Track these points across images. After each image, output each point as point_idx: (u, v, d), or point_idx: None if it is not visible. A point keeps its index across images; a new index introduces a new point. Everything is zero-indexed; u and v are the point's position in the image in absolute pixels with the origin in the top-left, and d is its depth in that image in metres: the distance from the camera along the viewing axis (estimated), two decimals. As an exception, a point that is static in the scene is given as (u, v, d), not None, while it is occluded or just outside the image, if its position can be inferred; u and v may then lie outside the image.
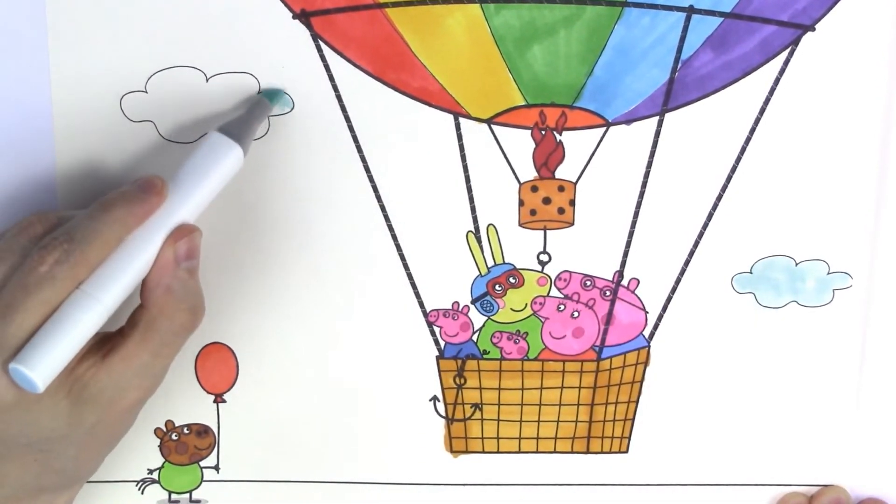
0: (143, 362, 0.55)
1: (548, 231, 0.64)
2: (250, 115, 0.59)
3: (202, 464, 0.66)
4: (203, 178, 0.57)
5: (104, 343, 0.55)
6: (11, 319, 0.51)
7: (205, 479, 0.66)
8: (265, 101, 0.60)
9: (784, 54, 0.61)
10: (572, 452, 0.67)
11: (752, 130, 0.62)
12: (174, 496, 0.66)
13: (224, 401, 0.65)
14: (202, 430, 0.65)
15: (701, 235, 0.63)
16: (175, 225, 0.55)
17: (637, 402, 0.66)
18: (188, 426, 0.65)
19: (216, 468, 0.66)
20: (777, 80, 0.61)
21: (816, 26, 0.60)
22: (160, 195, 0.55)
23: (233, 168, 0.58)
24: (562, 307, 0.65)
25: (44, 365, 0.51)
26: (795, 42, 0.61)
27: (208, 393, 0.65)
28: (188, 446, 0.66)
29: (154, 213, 0.55)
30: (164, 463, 0.66)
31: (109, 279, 0.53)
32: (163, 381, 0.57)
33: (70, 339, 0.52)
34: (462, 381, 0.66)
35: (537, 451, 0.67)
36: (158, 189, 0.55)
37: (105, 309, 0.53)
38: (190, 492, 0.66)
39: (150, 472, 0.66)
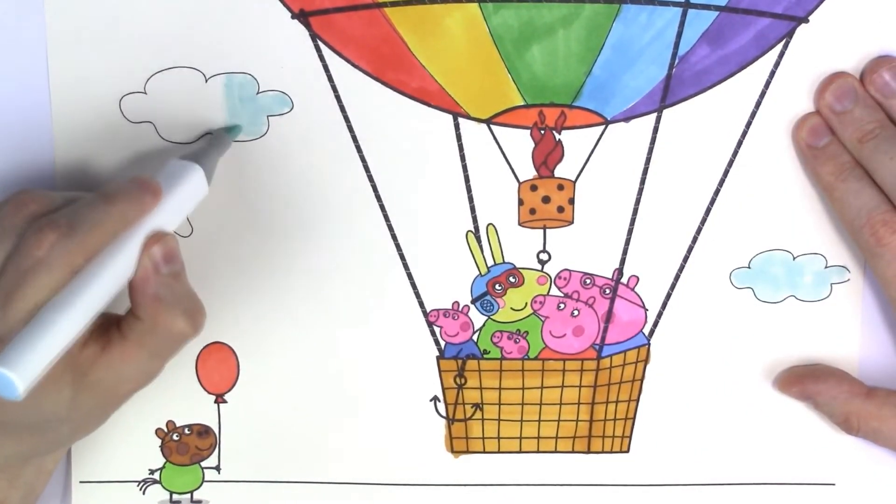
0: (140, 362, 0.55)
1: (547, 230, 0.64)
2: (211, 147, 0.59)
3: (203, 464, 0.66)
4: (169, 197, 0.56)
5: (105, 331, 0.55)
6: (9, 307, 0.50)
7: (206, 479, 0.66)
8: (226, 135, 0.61)
9: (779, 47, 0.61)
10: (573, 452, 0.67)
11: (749, 124, 0.62)
12: (175, 496, 0.66)
13: (225, 401, 0.65)
14: (203, 431, 0.65)
15: (699, 231, 0.63)
16: (148, 234, 0.54)
17: (638, 400, 0.66)
18: (189, 426, 0.65)
19: (217, 468, 0.66)
20: (772, 73, 0.61)
21: (810, 18, 0.61)
22: (156, 196, 0.55)
23: (198, 189, 0.57)
24: (562, 306, 0.65)
25: (26, 373, 0.49)
26: (790, 34, 0.61)
27: (209, 393, 0.65)
28: (189, 447, 0.66)
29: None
30: (165, 463, 0.66)
31: (93, 283, 0.52)
32: (161, 372, 0.57)
33: (51, 346, 0.50)
34: (462, 380, 0.66)
35: (538, 451, 0.67)
36: (155, 190, 0.55)
37: (86, 317, 0.51)
38: (191, 492, 0.66)
39: (152, 472, 0.66)
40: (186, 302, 0.55)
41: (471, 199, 0.63)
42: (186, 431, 0.65)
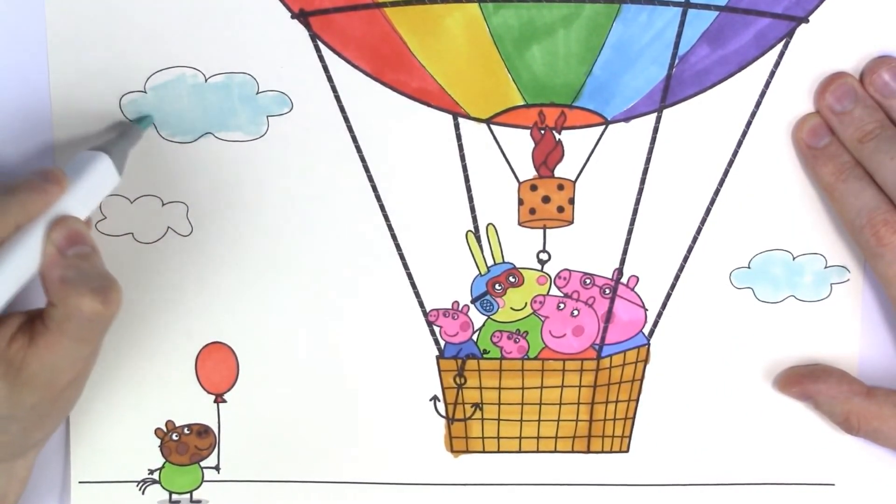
0: (67, 349, 0.54)
1: (547, 230, 0.64)
2: (121, 137, 0.59)
3: (203, 464, 0.66)
4: (76, 186, 0.56)
5: (32, 324, 0.54)
6: None
7: (205, 479, 0.66)
8: (136, 126, 0.61)
9: (779, 47, 0.61)
10: (573, 452, 0.67)
11: (749, 124, 0.62)
12: (175, 496, 0.66)
13: (224, 401, 0.65)
14: (203, 431, 0.65)
15: (699, 231, 0.63)
16: (53, 220, 0.54)
17: (637, 400, 0.66)
18: (189, 426, 0.65)
19: (217, 468, 0.66)
20: (772, 73, 0.61)
21: (810, 18, 0.61)
22: (60, 186, 0.54)
23: (107, 178, 0.58)
24: (561, 306, 0.65)
25: None
26: (790, 34, 0.61)
27: (209, 393, 0.65)
28: (189, 446, 0.66)
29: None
30: (164, 463, 0.66)
31: None
32: (97, 358, 0.57)
33: None
34: (462, 380, 0.66)
35: (538, 451, 0.67)
36: (59, 179, 0.54)
37: None
38: (191, 492, 0.66)
39: (151, 472, 0.66)
40: (96, 281, 0.54)
41: (471, 199, 0.63)
42: (186, 431, 0.65)
